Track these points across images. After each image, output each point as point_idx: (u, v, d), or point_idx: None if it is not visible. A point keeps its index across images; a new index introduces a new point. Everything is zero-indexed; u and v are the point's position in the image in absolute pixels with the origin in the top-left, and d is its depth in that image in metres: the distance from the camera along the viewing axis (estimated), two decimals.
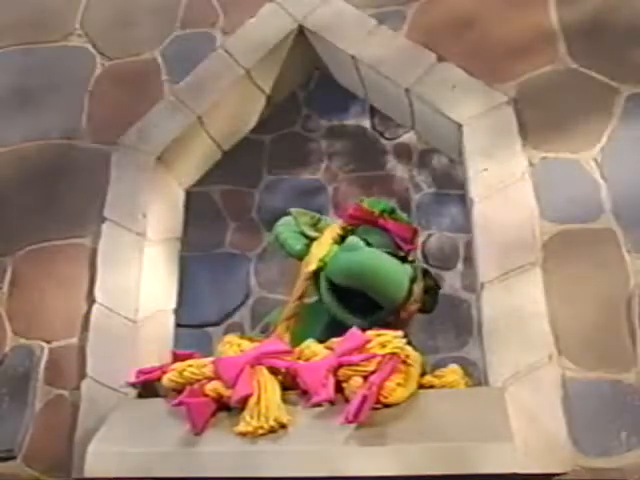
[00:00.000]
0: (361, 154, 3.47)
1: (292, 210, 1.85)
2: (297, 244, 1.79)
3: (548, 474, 1.34)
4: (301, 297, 1.73)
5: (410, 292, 1.67)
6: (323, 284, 1.71)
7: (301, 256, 1.78)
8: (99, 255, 1.83)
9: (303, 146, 3.44)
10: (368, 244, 1.70)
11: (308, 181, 3.33)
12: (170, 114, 1.97)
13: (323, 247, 1.74)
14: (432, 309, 1.92)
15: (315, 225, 1.82)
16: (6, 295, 1.86)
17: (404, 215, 1.90)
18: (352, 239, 1.70)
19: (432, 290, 1.84)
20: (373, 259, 1.65)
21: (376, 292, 1.63)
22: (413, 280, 1.68)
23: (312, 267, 1.71)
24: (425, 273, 1.81)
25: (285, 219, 1.84)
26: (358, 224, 1.80)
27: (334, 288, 1.68)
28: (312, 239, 1.78)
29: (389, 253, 1.70)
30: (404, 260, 1.72)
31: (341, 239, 1.76)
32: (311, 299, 1.78)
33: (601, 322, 1.47)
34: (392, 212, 1.83)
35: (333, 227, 1.80)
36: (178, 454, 1.37)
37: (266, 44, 1.99)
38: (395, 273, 1.65)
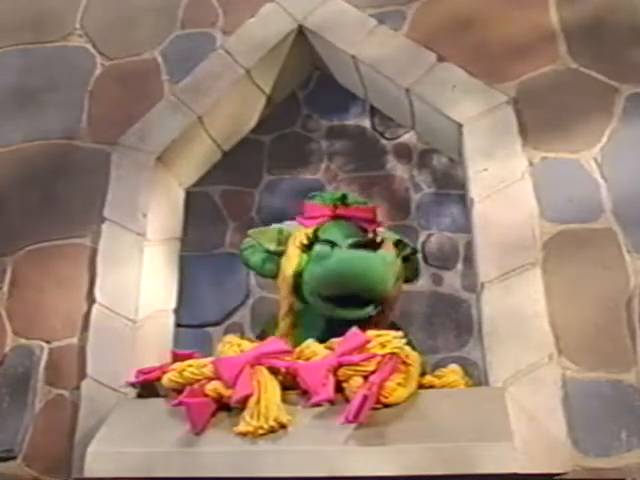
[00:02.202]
0: (361, 154, 3.47)
1: (250, 232, 1.83)
2: (266, 264, 1.77)
3: (548, 474, 1.34)
4: (289, 311, 1.71)
5: (394, 277, 1.65)
6: (309, 297, 1.68)
7: (274, 274, 1.76)
8: (99, 255, 1.83)
9: (303, 146, 3.44)
10: (332, 244, 1.67)
11: (308, 181, 3.32)
12: (170, 114, 1.97)
13: (291, 260, 1.71)
14: (416, 275, 1.93)
15: (278, 239, 1.77)
16: (6, 295, 1.86)
17: (357, 197, 1.89)
18: (318, 249, 1.67)
19: (410, 256, 1.82)
20: (345, 262, 1.60)
21: (361, 291, 1.60)
22: (391, 263, 1.64)
23: (287, 284, 1.69)
24: (398, 243, 1.77)
25: (247, 241, 1.82)
26: (317, 224, 1.76)
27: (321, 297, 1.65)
28: (279, 254, 1.75)
29: (357, 244, 1.66)
30: (374, 244, 1.68)
31: (307, 245, 1.71)
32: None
33: (601, 322, 1.47)
34: (344, 199, 1.81)
35: (295, 236, 1.75)
36: (178, 454, 1.37)
37: (266, 44, 1.99)
38: (371, 268, 1.60)
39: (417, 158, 3.45)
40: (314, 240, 1.70)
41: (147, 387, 1.66)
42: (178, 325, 1.96)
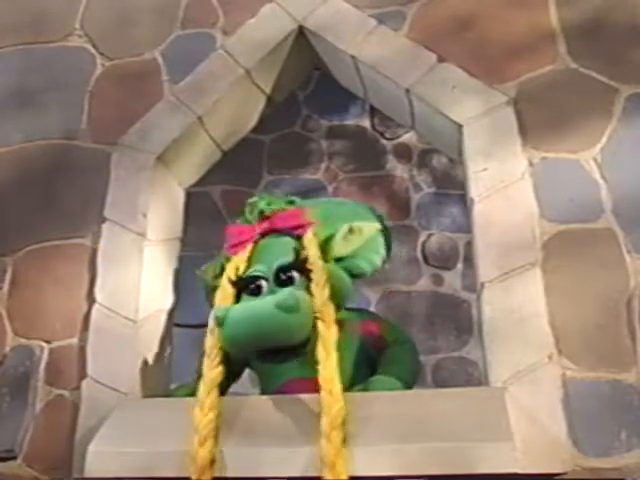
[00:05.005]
0: (361, 154, 3.47)
1: (197, 273, 1.72)
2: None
3: (548, 474, 1.34)
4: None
5: (304, 317, 1.41)
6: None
7: None
8: (99, 255, 1.82)
9: (303, 146, 3.44)
10: (258, 278, 1.53)
11: (308, 181, 3.33)
12: (170, 114, 1.97)
13: (222, 297, 1.55)
14: (389, 250, 1.72)
15: (221, 272, 1.62)
16: (6, 295, 1.85)
17: (280, 200, 1.70)
18: (214, 313, 1.47)
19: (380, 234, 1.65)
20: (238, 327, 1.41)
21: (269, 346, 1.42)
22: (293, 306, 1.39)
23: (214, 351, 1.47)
24: (350, 231, 1.58)
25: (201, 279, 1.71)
26: (244, 249, 1.62)
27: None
28: None
29: (283, 268, 1.52)
30: (300, 264, 1.51)
31: (234, 283, 1.55)
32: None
33: (601, 322, 1.47)
34: (269, 204, 1.68)
35: (226, 271, 1.59)
36: (178, 454, 1.37)
37: (266, 44, 1.99)
38: (268, 324, 1.39)
39: (417, 158, 3.46)
40: (239, 279, 1.56)
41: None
42: (178, 325, 1.96)
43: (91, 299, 1.78)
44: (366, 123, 3.49)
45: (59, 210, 1.93)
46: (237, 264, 1.59)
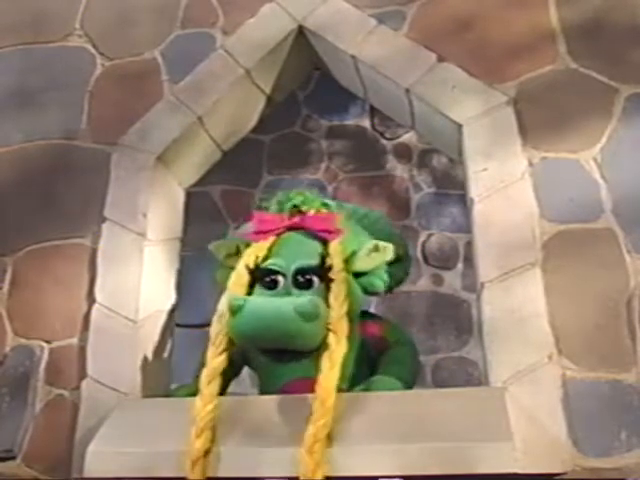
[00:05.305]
0: (361, 154, 3.47)
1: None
2: (223, 279, 1.58)
3: (548, 474, 1.34)
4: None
5: (319, 324, 1.40)
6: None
7: None
8: (99, 255, 1.82)
9: (303, 146, 3.44)
10: (275, 272, 1.51)
11: (308, 181, 3.33)
12: (170, 114, 1.97)
13: (237, 280, 1.52)
14: (404, 277, 1.73)
15: (237, 253, 1.60)
16: (6, 295, 1.85)
17: (317, 200, 1.68)
18: (230, 300, 1.42)
19: (399, 258, 1.63)
20: (252, 320, 1.38)
21: (280, 346, 1.41)
22: (311, 312, 1.38)
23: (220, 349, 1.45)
24: (375, 248, 1.55)
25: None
26: (267, 238, 1.59)
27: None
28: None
29: (303, 271, 1.50)
30: (322, 270, 1.50)
31: (252, 271, 1.52)
32: None
33: (601, 322, 1.46)
34: (304, 202, 1.65)
35: (244, 256, 1.56)
36: (178, 454, 1.37)
37: (266, 44, 1.99)
38: (282, 324, 1.37)
39: (417, 158, 3.46)
40: (256, 267, 1.53)
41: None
42: (178, 325, 1.96)
43: (91, 299, 1.78)
44: (366, 123, 3.49)
45: (59, 210, 1.93)
46: (257, 252, 1.56)
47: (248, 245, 1.60)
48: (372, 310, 3.03)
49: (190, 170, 2.08)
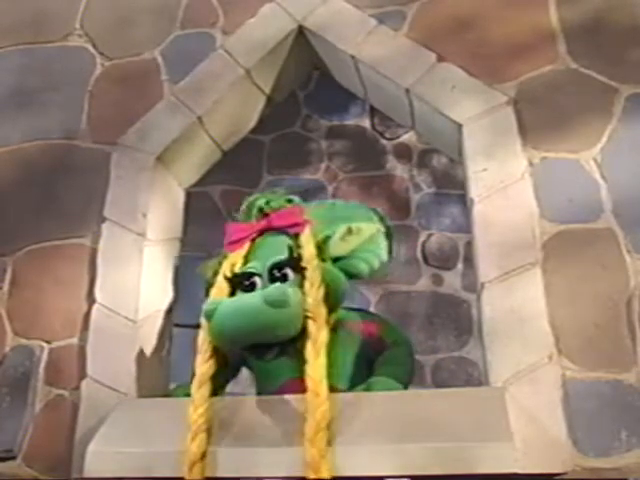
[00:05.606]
0: (361, 154, 3.47)
1: (197, 269, 1.71)
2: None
3: (548, 474, 1.34)
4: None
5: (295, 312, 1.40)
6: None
7: None
8: (99, 255, 1.82)
9: (303, 146, 3.44)
10: (251, 275, 1.52)
11: (308, 181, 3.33)
12: (170, 114, 1.97)
13: (218, 293, 1.53)
14: (390, 254, 1.69)
15: (217, 270, 1.62)
16: (6, 295, 1.85)
17: (280, 197, 1.69)
18: (204, 307, 1.46)
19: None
20: (225, 321, 1.40)
21: (257, 341, 1.42)
22: (282, 301, 1.38)
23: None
24: (348, 231, 1.58)
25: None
26: (242, 246, 1.62)
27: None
28: None
29: (277, 265, 1.51)
30: (294, 261, 1.51)
31: (230, 279, 1.54)
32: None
33: (601, 322, 1.46)
34: (267, 203, 1.67)
35: (221, 268, 1.58)
36: (177, 454, 1.37)
37: (266, 44, 1.99)
38: (254, 320, 1.38)
39: (417, 158, 3.46)
40: (234, 275, 1.55)
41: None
42: (177, 325, 1.96)
43: (91, 299, 1.78)
44: (366, 123, 3.49)
45: (59, 210, 1.93)
46: (233, 261, 1.59)
47: (226, 257, 1.63)
48: (372, 309, 3.04)
49: (190, 170, 2.08)
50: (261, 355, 1.45)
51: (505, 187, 1.63)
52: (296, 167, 3.40)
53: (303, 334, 1.40)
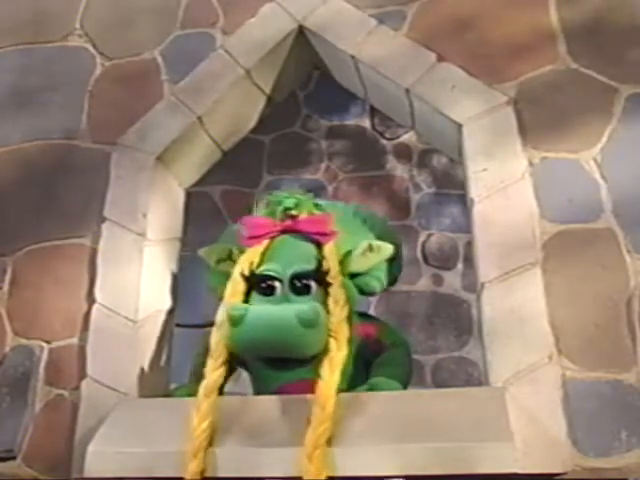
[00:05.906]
0: (361, 154, 3.47)
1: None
2: (215, 285, 1.59)
3: (548, 474, 1.34)
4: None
5: (320, 332, 1.39)
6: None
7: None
8: (99, 255, 1.82)
9: (303, 146, 3.44)
10: (271, 278, 1.50)
11: (308, 181, 3.33)
12: (170, 114, 1.97)
13: (232, 289, 1.51)
14: (396, 277, 1.71)
15: (229, 258, 1.60)
16: (6, 295, 1.85)
17: (310, 203, 1.66)
18: (229, 311, 1.41)
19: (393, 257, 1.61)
20: (254, 330, 1.38)
21: (281, 355, 1.42)
22: (311, 319, 1.37)
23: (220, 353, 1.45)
24: (369, 248, 1.55)
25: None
26: (261, 243, 1.57)
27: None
28: (227, 275, 1.56)
29: (300, 275, 1.49)
30: (319, 274, 1.49)
31: (247, 278, 1.52)
32: None
33: (601, 322, 1.46)
34: (297, 205, 1.62)
35: (238, 263, 1.54)
36: (178, 454, 1.37)
37: (266, 44, 1.99)
38: (285, 334, 1.37)
39: (417, 158, 3.46)
40: (251, 274, 1.52)
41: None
42: (178, 325, 1.96)
43: (91, 299, 1.78)
44: (366, 123, 3.49)
45: (59, 210, 1.92)
46: (251, 258, 1.55)
47: (240, 249, 1.59)
48: (371, 310, 3.04)
49: (190, 170, 2.08)
50: (280, 367, 1.45)
51: (505, 187, 1.63)
52: (296, 167, 3.40)
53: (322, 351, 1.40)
